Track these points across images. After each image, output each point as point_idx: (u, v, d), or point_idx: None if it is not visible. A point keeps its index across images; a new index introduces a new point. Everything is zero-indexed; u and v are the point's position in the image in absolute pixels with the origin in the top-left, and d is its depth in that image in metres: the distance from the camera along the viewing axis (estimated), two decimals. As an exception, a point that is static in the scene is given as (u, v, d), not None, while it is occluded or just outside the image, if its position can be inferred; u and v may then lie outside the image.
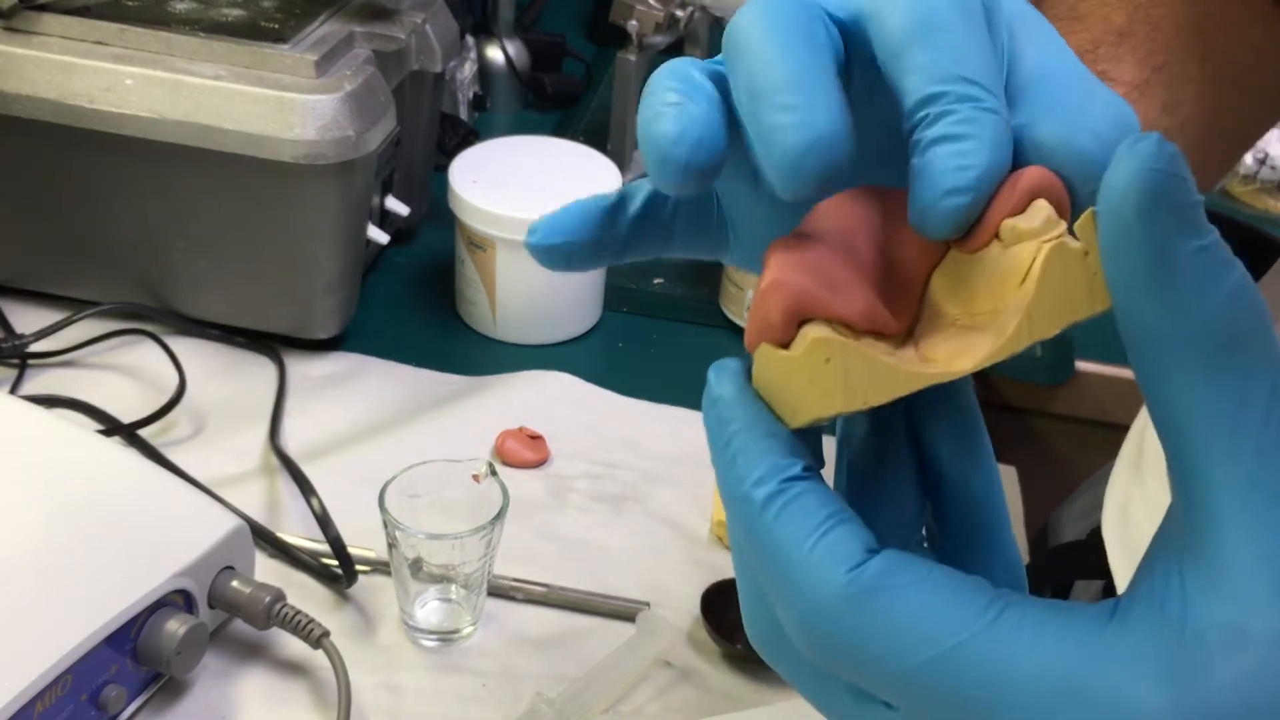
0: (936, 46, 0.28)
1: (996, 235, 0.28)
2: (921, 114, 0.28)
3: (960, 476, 0.32)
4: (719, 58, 0.31)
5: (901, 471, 0.33)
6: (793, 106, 0.28)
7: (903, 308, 0.30)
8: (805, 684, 0.31)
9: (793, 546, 0.28)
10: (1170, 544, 0.27)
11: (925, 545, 0.34)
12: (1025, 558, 0.78)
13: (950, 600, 0.27)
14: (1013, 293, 0.28)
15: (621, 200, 0.36)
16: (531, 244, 0.35)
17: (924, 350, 0.29)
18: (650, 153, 0.30)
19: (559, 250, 0.36)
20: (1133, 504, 0.67)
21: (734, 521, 0.30)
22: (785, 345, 0.29)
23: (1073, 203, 0.29)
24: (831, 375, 0.28)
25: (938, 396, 0.32)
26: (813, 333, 0.29)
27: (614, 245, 0.36)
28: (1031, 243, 0.27)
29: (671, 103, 0.30)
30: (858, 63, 0.31)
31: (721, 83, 0.30)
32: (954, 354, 0.28)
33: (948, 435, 0.33)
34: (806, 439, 0.31)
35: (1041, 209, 0.28)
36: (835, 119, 0.28)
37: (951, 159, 0.28)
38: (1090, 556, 0.71)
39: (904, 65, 0.29)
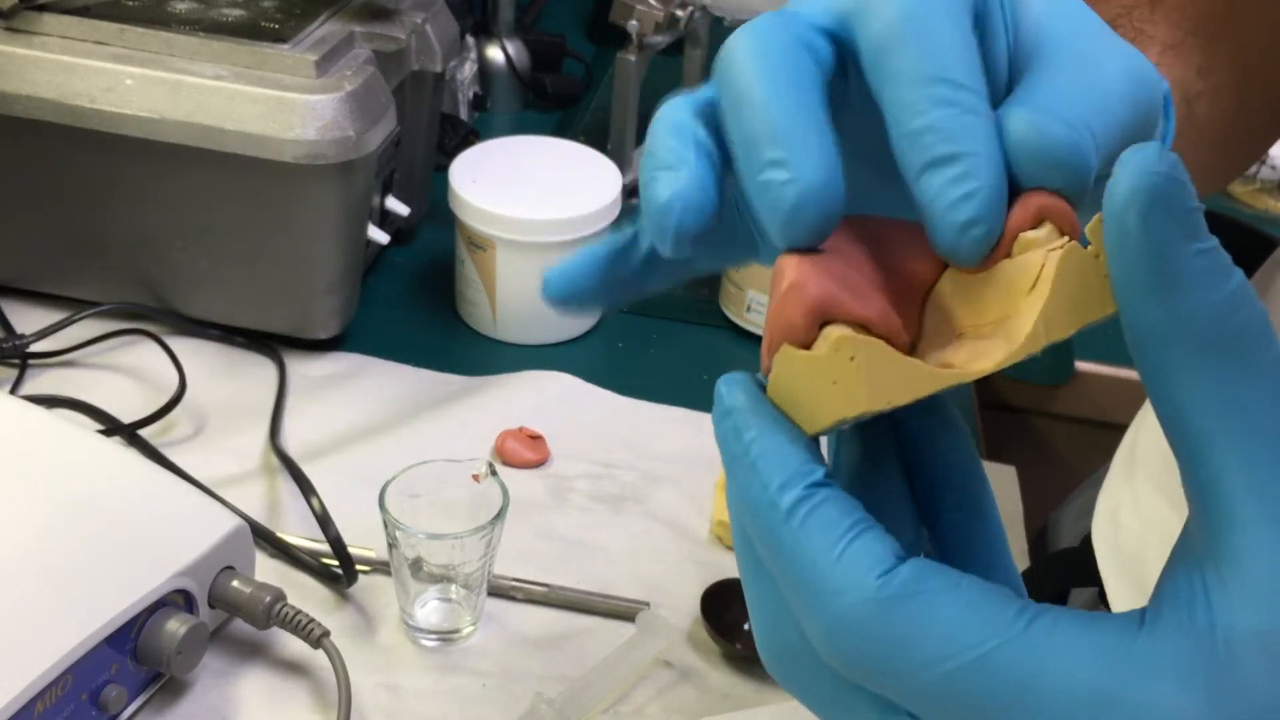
0: (913, 49, 0.28)
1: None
2: (905, 127, 0.28)
3: (954, 502, 0.32)
4: (714, 81, 0.31)
5: (895, 499, 0.33)
6: (782, 162, 0.28)
7: (906, 323, 0.30)
8: (824, 705, 0.31)
9: (820, 553, 0.28)
10: (1190, 553, 0.27)
11: None
12: (1025, 559, 0.78)
13: (982, 607, 0.27)
14: (1021, 300, 0.28)
15: (634, 239, 0.36)
16: (546, 297, 0.35)
17: (934, 361, 0.29)
18: (647, 218, 0.31)
19: (573, 301, 0.36)
20: (1123, 508, 0.67)
21: (755, 530, 0.29)
22: (806, 346, 0.29)
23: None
24: (856, 373, 0.28)
25: (928, 422, 0.32)
26: (836, 331, 0.28)
27: (631, 283, 0.36)
28: (1038, 251, 0.28)
29: (665, 165, 0.31)
30: (853, 66, 0.31)
31: (716, 118, 0.31)
32: (969, 359, 0.29)
33: (940, 461, 0.33)
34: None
35: (1044, 222, 0.28)
36: (824, 169, 0.28)
37: (952, 189, 0.28)
38: (1083, 563, 0.70)
39: (883, 73, 0.29)
